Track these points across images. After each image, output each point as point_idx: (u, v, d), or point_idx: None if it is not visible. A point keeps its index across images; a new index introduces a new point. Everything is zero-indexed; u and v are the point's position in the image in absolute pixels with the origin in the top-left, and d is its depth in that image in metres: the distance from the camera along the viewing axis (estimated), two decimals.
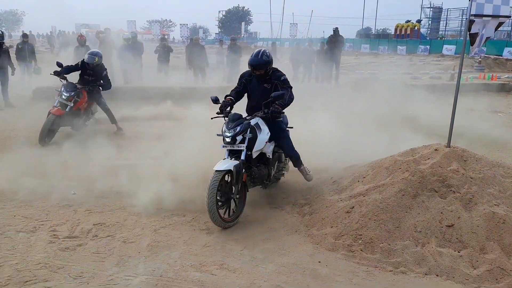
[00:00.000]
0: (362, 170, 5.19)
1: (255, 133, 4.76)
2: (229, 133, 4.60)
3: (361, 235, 4.07)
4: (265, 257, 3.91)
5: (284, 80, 4.98)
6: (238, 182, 4.55)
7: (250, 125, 4.72)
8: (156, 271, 3.62)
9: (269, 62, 4.99)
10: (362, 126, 9.57)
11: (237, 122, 4.67)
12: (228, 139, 4.60)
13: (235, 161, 4.54)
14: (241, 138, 4.62)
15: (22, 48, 13.67)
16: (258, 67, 4.95)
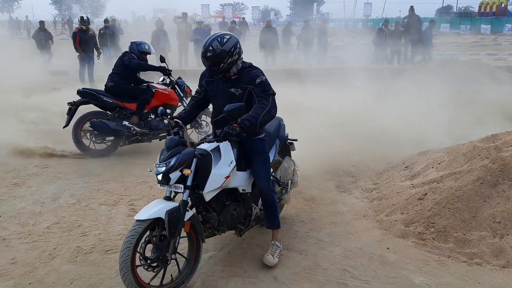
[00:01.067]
0: (437, 156, 4.96)
1: (208, 165, 3.16)
2: (160, 167, 3.05)
3: (434, 223, 3.92)
4: (331, 240, 3.90)
5: (260, 84, 3.30)
6: (174, 235, 3.01)
7: (193, 154, 3.09)
8: (225, 248, 3.75)
9: (221, 55, 3.25)
10: (441, 110, 9.12)
11: (173, 151, 3.10)
12: (159, 176, 3.05)
13: (171, 203, 3.07)
14: (177, 175, 3.03)
15: (104, 34, 14.50)
16: (205, 63, 3.36)
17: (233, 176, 3.33)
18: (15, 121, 7.78)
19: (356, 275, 3.35)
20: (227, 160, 3.26)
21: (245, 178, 3.51)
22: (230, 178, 3.28)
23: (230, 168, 3.26)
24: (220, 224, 3.38)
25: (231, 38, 3.31)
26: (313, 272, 3.38)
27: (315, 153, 6.39)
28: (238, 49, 3.32)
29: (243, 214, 3.53)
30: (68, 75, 13.73)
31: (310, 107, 9.49)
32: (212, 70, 3.35)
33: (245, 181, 3.51)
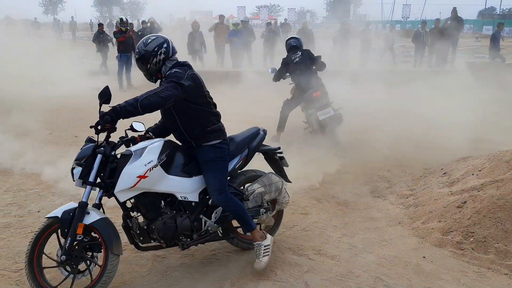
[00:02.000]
0: (478, 162, 4.76)
1: (124, 164, 3.00)
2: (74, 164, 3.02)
3: (473, 232, 3.75)
4: (364, 246, 3.80)
5: (168, 75, 3.12)
6: (66, 236, 2.92)
7: (91, 150, 3.03)
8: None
9: (145, 56, 3.20)
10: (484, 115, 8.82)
11: (84, 149, 3.07)
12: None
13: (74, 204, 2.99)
14: (78, 170, 2.99)
15: (142, 35, 14.81)
16: (139, 68, 3.32)
17: (158, 178, 3.07)
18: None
19: (390, 284, 3.25)
20: (146, 160, 3.03)
21: (187, 185, 3.22)
22: (149, 179, 3.01)
23: (146, 168, 3.00)
24: (152, 233, 3.14)
25: (156, 39, 3.24)
26: (345, 279, 3.30)
27: (350, 156, 6.29)
28: (164, 48, 3.20)
29: (186, 225, 3.21)
30: (108, 75, 14.12)
31: (346, 110, 9.35)
32: (144, 74, 3.30)
33: (185, 188, 3.21)
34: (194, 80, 3.15)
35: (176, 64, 3.25)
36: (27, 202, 4.60)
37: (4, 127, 7.23)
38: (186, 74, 3.11)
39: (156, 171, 3.06)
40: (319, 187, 5.15)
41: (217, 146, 3.29)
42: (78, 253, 2.95)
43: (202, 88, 3.23)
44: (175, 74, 3.07)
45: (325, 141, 6.73)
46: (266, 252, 3.36)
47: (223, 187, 3.24)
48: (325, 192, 4.99)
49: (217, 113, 3.40)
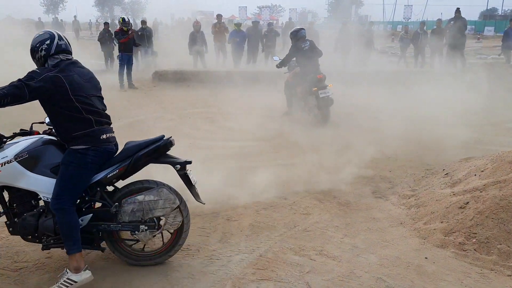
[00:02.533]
0: (480, 163, 4.73)
1: None
2: None
3: (476, 233, 3.73)
4: (366, 247, 3.78)
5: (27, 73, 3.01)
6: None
7: None
8: (256, 250, 3.69)
9: (31, 51, 3.17)
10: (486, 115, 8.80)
11: None
12: None
13: None
14: None
15: (142, 34, 14.81)
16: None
17: (14, 174, 3.07)
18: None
19: (392, 284, 3.23)
20: (2, 155, 3.08)
21: (49, 186, 3.11)
22: (3, 173, 3.05)
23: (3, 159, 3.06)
24: (17, 227, 3.18)
25: (42, 34, 3.15)
26: (347, 280, 3.28)
27: (351, 157, 6.27)
28: (46, 45, 3.08)
29: (47, 226, 3.13)
30: (107, 74, 14.11)
31: (345, 110, 9.35)
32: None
33: (49, 188, 3.09)
34: (53, 83, 2.95)
35: (58, 63, 3.09)
36: None
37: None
38: (44, 75, 2.94)
39: (10, 167, 3.06)
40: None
41: (79, 152, 3.10)
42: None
43: (66, 92, 2.99)
44: (30, 73, 2.96)
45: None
46: (65, 285, 3.00)
47: (61, 193, 3.03)
48: (326, 192, 4.97)
49: (88, 119, 3.12)
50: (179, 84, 12.70)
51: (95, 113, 3.18)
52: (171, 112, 9.24)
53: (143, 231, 3.26)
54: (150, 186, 3.36)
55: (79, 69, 3.21)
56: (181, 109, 9.53)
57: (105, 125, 3.29)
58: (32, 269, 3.32)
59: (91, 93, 3.20)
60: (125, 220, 3.25)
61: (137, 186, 3.35)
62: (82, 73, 3.20)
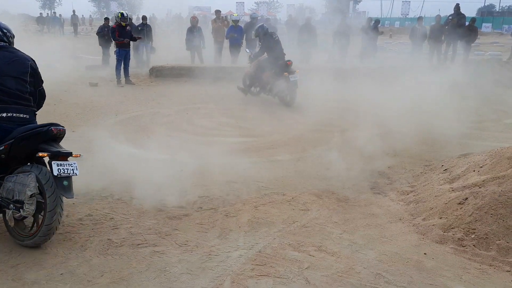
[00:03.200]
0: (479, 159, 4.73)
1: None
2: None
3: (475, 229, 3.72)
4: (365, 243, 3.77)
5: None
6: None
7: None
8: (255, 246, 3.68)
9: None
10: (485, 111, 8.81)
11: None
12: None
13: None
14: None
15: (141, 30, 14.71)
16: None
17: None
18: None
19: (391, 280, 3.22)
20: None
21: None
22: None
23: None
24: None
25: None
26: (346, 275, 3.27)
27: (349, 152, 6.27)
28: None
29: None
30: (104, 70, 14.04)
31: (343, 106, 9.34)
32: None
33: None
34: None
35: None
36: None
37: None
38: None
39: None
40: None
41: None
42: None
43: None
44: None
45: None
46: None
47: None
48: (325, 188, 4.96)
49: None
50: (176, 79, 12.64)
51: (1, 91, 3.54)
52: (168, 107, 9.19)
53: (11, 210, 3.46)
54: (28, 170, 3.48)
55: (3, 52, 3.67)
56: (178, 105, 9.49)
57: (11, 105, 3.60)
58: (29, 265, 3.29)
59: (6, 73, 3.59)
60: (3, 196, 3.52)
61: (23, 168, 3.53)
62: (4, 56, 3.65)
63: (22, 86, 3.68)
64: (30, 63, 3.80)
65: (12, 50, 3.77)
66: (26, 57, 3.81)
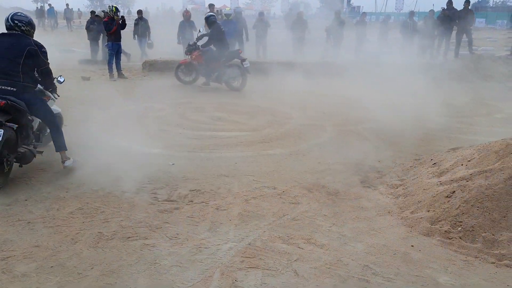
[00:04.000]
0: (467, 153, 4.78)
1: None
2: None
3: (461, 222, 3.78)
4: (354, 235, 3.82)
5: None
6: None
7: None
8: (245, 239, 3.71)
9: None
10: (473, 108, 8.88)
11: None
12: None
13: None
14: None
15: (137, 24, 14.67)
16: None
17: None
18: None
19: (378, 271, 3.27)
20: None
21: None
22: None
23: None
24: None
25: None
26: (334, 267, 3.31)
27: (341, 147, 6.32)
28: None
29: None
30: (96, 64, 13.99)
31: (336, 101, 9.39)
32: None
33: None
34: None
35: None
36: (14, 190, 4.55)
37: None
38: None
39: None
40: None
41: None
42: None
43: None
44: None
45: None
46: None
47: None
48: (315, 182, 5.00)
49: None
50: (169, 73, 12.61)
51: None
52: (161, 101, 9.19)
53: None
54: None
55: (8, 39, 4.68)
56: (171, 99, 9.48)
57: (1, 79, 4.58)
58: (20, 258, 3.30)
59: (2, 55, 4.58)
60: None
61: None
62: (7, 41, 4.65)
63: (14, 66, 4.59)
64: (29, 48, 4.66)
65: (19, 37, 4.71)
66: (28, 43, 4.69)
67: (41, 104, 4.96)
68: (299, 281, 3.14)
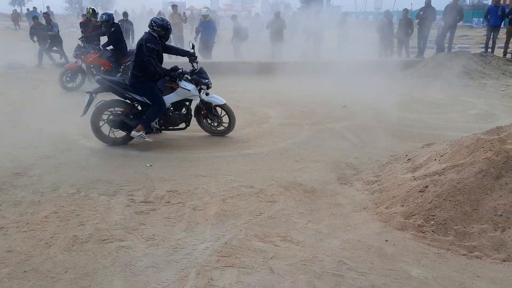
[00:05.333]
0: (440, 148, 4.87)
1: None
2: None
3: (434, 215, 3.85)
4: (330, 232, 3.86)
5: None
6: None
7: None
8: (221, 238, 3.72)
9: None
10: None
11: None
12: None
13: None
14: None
15: (122, 26, 14.52)
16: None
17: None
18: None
19: (353, 266, 3.31)
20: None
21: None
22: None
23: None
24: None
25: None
26: (309, 264, 3.34)
27: (318, 145, 6.37)
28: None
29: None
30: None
31: (315, 100, 9.45)
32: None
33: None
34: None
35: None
36: None
37: None
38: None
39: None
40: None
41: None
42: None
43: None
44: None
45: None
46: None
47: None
48: (293, 180, 5.03)
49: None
50: None
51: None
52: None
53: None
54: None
55: (148, 37, 6.04)
56: None
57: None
58: None
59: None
60: None
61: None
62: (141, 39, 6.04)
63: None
64: (138, 43, 6.00)
65: (148, 38, 5.93)
66: (141, 39, 5.98)
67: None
68: (274, 278, 3.17)
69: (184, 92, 6.31)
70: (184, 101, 6.46)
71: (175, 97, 6.33)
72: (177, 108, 6.46)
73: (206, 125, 6.72)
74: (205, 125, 6.72)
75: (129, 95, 6.09)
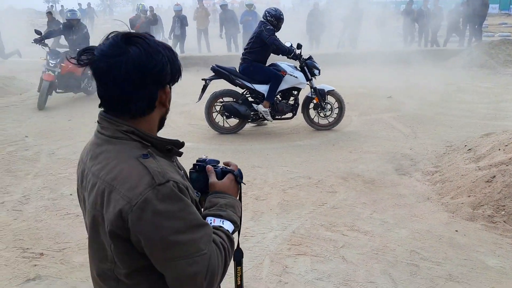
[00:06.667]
0: (503, 138, 4.77)
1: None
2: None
3: (504, 206, 3.78)
4: (396, 222, 3.84)
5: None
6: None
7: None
8: (288, 227, 3.76)
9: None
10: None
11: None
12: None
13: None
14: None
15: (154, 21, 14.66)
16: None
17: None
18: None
19: (426, 256, 3.29)
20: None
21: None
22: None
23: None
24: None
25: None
26: (381, 253, 3.35)
27: (369, 135, 6.32)
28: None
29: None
30: None
31: (358, 92, 9.36)
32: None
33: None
34: None
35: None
36: (58, 186, 4.65)
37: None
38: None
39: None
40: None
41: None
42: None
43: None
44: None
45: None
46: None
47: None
48: (350, 171, 5.02)
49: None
50: (188, 69, 12.68)
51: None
52: (183, 97, 9.24)
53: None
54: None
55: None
56: (192, 95, 9.52)
57: None
58: (75, 249, 3.39)
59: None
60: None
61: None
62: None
63: None
64: (256, 31, 6.35)
65: (265, 24, 6.32)
66: (258, 27, 6.39)
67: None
68: (348, 266, 3.19)
69: (291, 79, 6.36)
70: (292, 90, 6.52)
71: (283, 84, 6.36)
72: (284, 97, 6.56)
73: (313, 117, 6.68)
74: (311, 117, 6.68)
75: (240, 82, 6.34)
